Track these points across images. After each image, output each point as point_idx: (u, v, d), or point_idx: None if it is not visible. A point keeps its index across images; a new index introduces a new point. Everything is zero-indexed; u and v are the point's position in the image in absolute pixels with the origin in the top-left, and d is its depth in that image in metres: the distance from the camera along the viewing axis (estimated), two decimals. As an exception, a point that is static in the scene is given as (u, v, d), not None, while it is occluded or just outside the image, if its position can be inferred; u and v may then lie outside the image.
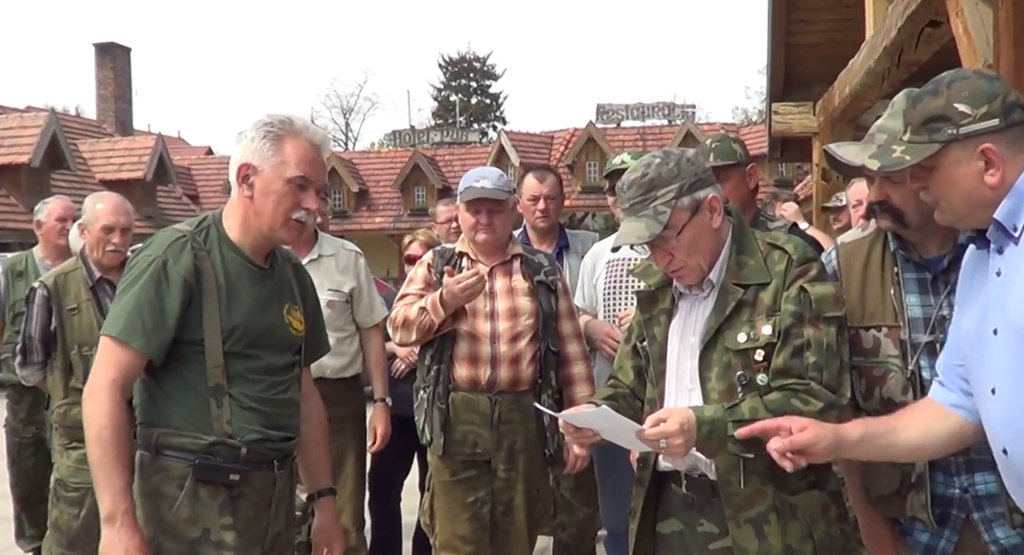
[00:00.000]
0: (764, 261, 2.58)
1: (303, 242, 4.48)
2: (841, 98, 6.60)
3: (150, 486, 2.63)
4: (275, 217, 2.69)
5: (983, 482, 2.50)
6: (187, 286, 2.61)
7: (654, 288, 2.76)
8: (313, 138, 2.75)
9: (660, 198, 2.54)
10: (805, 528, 2.52)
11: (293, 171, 2.67)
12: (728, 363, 2.53)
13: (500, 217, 3.95)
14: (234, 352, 2.66)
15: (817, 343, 2.47)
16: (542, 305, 3.95)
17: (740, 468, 2.51)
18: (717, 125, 34.09)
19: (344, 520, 4.47)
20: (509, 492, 3.91)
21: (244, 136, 2.73)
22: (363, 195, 33.77)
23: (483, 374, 3.85)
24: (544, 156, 32.66)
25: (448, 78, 55.66)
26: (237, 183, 2.71)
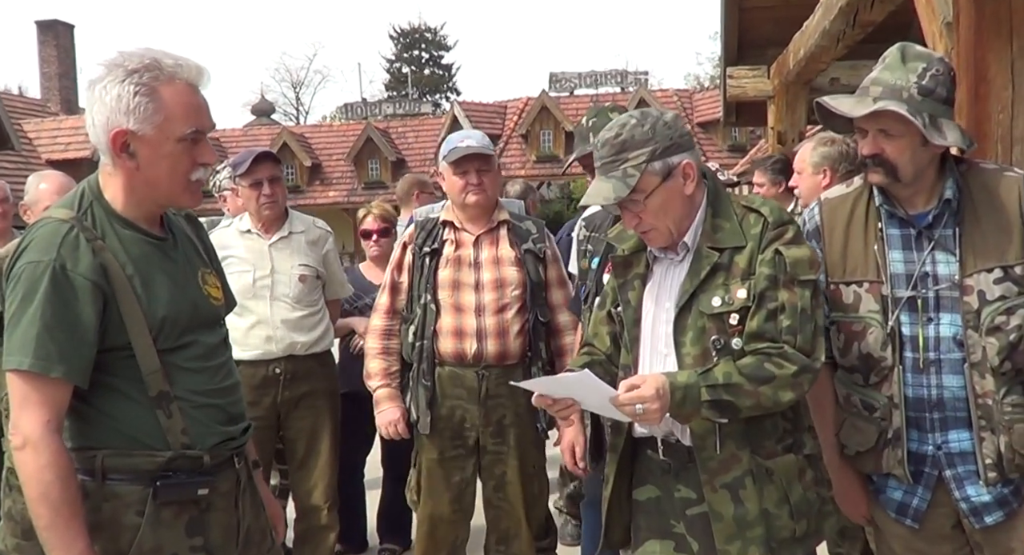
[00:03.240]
0: (740, 224, 2.56)
1: (275, 218, 4.43)
2: (796, 60, 6.60)
3: (102, 517, 2.23)
4: (172, 183, 2.30)
5: (956, 440, 2.52)
6: (97, 289, 2.19)
7: (628, 253, 2.72)
8: (189, 76, 2.29)
9: (631, 160, 2.51)
10: (781, 492, 2.51)
11: (183, 127, 2.26)
12: (702, 327, 2.51)
13: (489, 176, 3.85)
14: (168, 348, 2.29)
15: (791, 306, 2.45)
16: (530, 275, 3.86)
17: (716, 433, 2.50)
18: (670, 91, 34.13)
19: (316, 498, 4.46)
20: (501, 467, 3.86)
21: (105, 91, 2.22)
22: (316, 169, 33.48)
23: (469, 348, 3.76)
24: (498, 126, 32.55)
25: (400, 50, 55.28)
26: (113, 154, 2.26)
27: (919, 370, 2.55)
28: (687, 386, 2.39)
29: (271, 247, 4.40)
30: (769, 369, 2.41)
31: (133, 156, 2.25)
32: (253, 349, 4.33)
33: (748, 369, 2.41)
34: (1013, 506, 2.54)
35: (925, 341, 2.53)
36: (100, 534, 2.22)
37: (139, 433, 2.26)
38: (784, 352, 2.43)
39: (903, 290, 2.55)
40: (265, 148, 4.64)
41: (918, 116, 2.44)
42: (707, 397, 2.38)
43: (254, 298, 4.35)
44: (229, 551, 2.42)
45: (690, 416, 2.43)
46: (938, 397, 2.54)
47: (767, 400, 2.41)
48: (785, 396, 2.42)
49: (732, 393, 2.39)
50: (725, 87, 8.16)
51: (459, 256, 3.85)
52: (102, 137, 2.25)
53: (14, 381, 2.15)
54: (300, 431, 4.43)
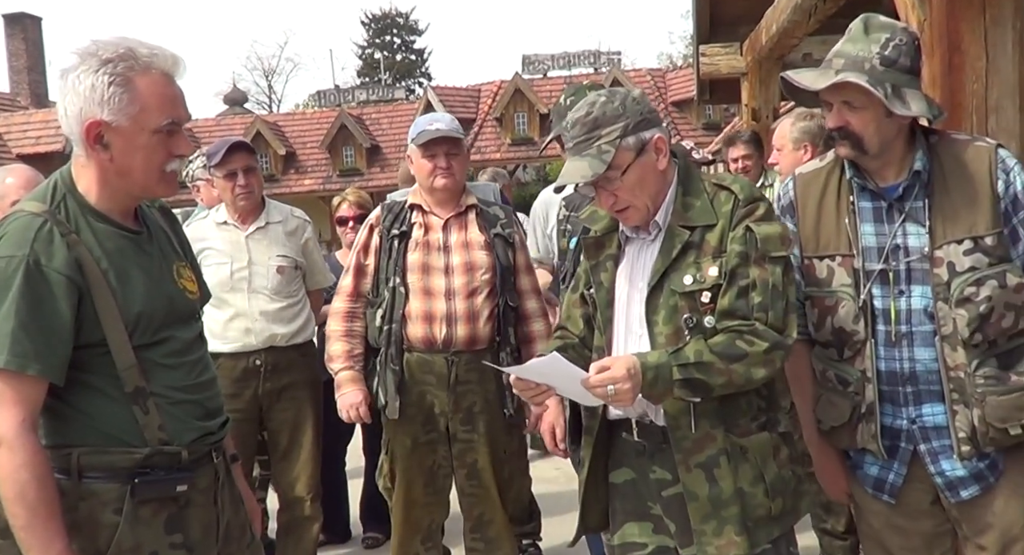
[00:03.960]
0: (711, 202, 2.54)
1: (250, 209, 4.39)
2: (768, 36, 6.59)
3: (79, 516, 2.20)
4: (147, 175, 2.25)
5: (931, 414, 2.53)
6: (72, 285, 2.15)
7: (600, 234, 2.71)
8: (165, 66, 2.24)
9: (604, 137, 2.49)
10: (756, 470, 2.51)
11: (158, 118, 2.21)
12: (675, 306, 2.50)
13: (458, 160, 3.82)
14: (144, 344, 2.26)
15: (763, 283, 2.44)
16: (499, 259, 3.83)
17: (690, 412, 2.49)
18: (643, 71, 34.09)
19: (299, 489, 4.45)
20: (472, 454, 3.85)
21: (78, 81, 2.18)
22: (290, 158, 33.29)
23: (438, 333, 3.74)
24: (472, 110, 32.45)
25: (371, 36, 55.00)
26: (87, 145, 2.21)
27: (891, 343, 2.55)
28: (658, 366, 2.38)
29: (248, 238, 4.37)
30: (741, 346, 2.40)
31: (107, 147, 2.21)
32: (232, 342, 4.30)
33: (719, 347, 2.40)
34: (989, 481, 2.54)
35: (897, 314, 2.53)
36: (77, 533, 2.18)
37: (115, 430, 2.22)
38: (755, 329, 2.42)
39: (875, 263, 2.55)
40: (239, 138, 4.59)
41: (879, 87, 2.44)
42: (679, 376, 2.38)
43: (232, 291, 4.32)
44: (209, 547, 2.39)
45: (662, 396, 2.42)
46: (911, 370, 2.54)
47: (739, 378, 2.41)
48: (758, 373, 2.42)
49: (704, 371, 2.38)
50: (698, 65, 8.14)
51: (428, 240, 3.83)
52: (75, 128, 2.20)
53: None
54: (283, 423, 4.41)
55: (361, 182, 28.74)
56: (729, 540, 2.47)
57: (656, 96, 30.46)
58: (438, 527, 4.09)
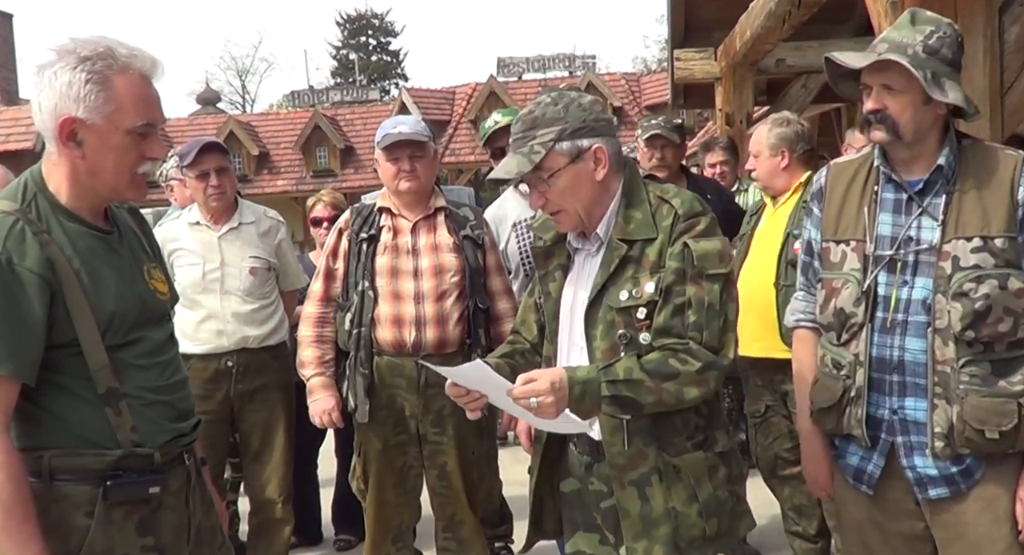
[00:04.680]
0: (652, 215, 2.50)
1: (223, 210, 4.37)
2: (742, 42, 6.63)
3: (50, 519, 2.16)
4: (118, 176, 2.23)
5: (913, 408, 2.53)
6: (44, 284, 2.11)
7: (549, 243, 2.67)
8: (143, 68, 2.22)
9: (539, 138, 2.46)
10: (690, 490, 2.47)
11: (133, 119, 2.19)
12: (611, 321, 2.47)
13: (422, 163, 3.80)
14: (116, 344, 2.23)
15: (698, 301, 2.40)
16: (468, 261, 3.82)
17: (623, 429, 2.46)
18: (618, 75, 34.17)
19: (270, 491, 4.42)
20: (442, 457, 3.84)
21: (55, 77, 2.15)
22: (264, 158, 33.14)
23: (408, 336, 3.73)
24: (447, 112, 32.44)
25: (346, 36, 54.87)
26: (59, 142, 2.18)
27: (885, 330, 2.56)
28: (586, 381, 2.34)
29: (220, 239, 4.34)
30: (673, 365, 2.36)
31: (80, 145, 2.19)
32: (204, 343, 4.28)
33: (651, 365, 2.37)
34: (960, 486, 2.54)
35: (897, 302, 2.55)
36: (49, 537, 2.15)
37: (88, 432, 2.19)
38: (690, 348, 2.38)
39: (886, 250, 2.57)
40: (212, 138, 4.56)
41: (919, 70, 2.45)
42: (607, 393, 2.34)
43: (204, 292, 4.29)
44: (180, 550, 2.37)
45: (590, 411, 2.38)
46: (899, 359, 2.55)
47: (670, 397, 2.37)
48: (690, 393, 2.38)
49: (632, 389, 2.35)
50: (672, 70, 8.19)
51: (397, 243, 3.82)
52: (49, 123, 2.18)
53: None
54: (254, 424, 4.39)
55: (335, 183, 28.65)
56: None
57: (630, 100, 30.58)
58: (409, 528, 4.09)
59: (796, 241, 4.08)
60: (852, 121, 10.04)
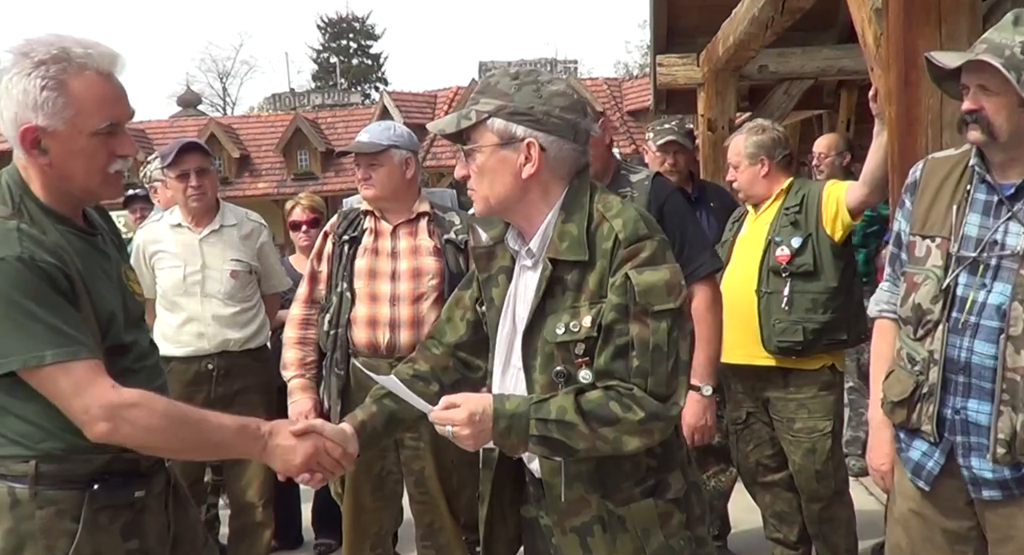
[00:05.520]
0: (592, 234, 2.20)
1: (204, 212, 4.34)
2: (725, 48, 6.64)
3: (34, 525, 2.14)
4: (89, 178, 2.18)
5: (975, 410, 2.51)
6: (64, 277, 2.09)
7: (493, 242, 2.42)
8: (101, 65, 2.14)
9: (479, 104, 2.23)
10: (636, 541, 2.23)
11: (96, 121, 2.13)
12: (550, 354, 2.21)
13: (381, 171, 3.78)
14: (113, 346, 2.20)
15: (642, 343, 2.11)
16: (449, 265, 3.81)
17: (562, 472, 2.23)
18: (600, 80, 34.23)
19: (251, 495, 4.40)
20: (419, 462, 3.82)
21: (12, 85, 2.08)
22: (244, 161, 33.00)
23: (381, 338, 3.73)
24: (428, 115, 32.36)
25: (327, 39, 54.84)
26: (24, 150, 2.14)
27: (957, 331, 2.54)
28: (513, 416, 2.12)
29: (202, 241, 4.32)
30: (614, 410, 2.10)
31: (45, 152, 2.14)
32: (184, 346, 4.26)
33: (590, 406, 2.11)
34: (1014, 492, 2.52)
35: (972, 304, 2.52)
36: (35, 543, 2.15)
37: (75, 435, 2.13)
38: (633, 395, 2.11)
39: (970, 252, 2.55)
40: (193, 138, 4.54)
41: (1012, 72, 2.44)
42: (535, 432, 2.11)
43: (185, 294, 4.28)
44: (163, 552, 2.36)
45: (516, 448, 2.17)
46: (966, 361, 2.52)
47: (606, 445, 2.12)
48: (630, 443, 2.12)
49: (564, 432, 2.10)
50: (655, 75, 8.18)
51: (377, 246, 3.83)
52: (11, 132, 2.13)
53: (51, 379, 2.05)
54: (234, 428, 4.36)
55: (316, 186, 28.57)
56: None
57: (612, 105, 30.61)
58: (388, 533, 4.07)
59: (778, 248, 4.10)
60: (833, 127, 10.08)
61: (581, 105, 2.29)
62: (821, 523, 4.26)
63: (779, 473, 4.35)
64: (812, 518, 4.28)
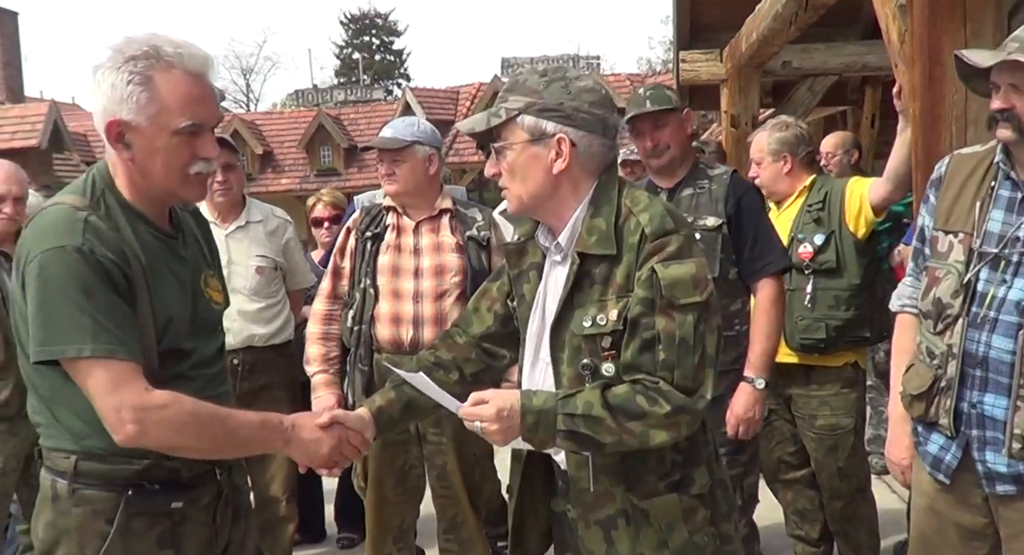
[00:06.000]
0: (619, 228, 2.22)
1: (230, 207, 4.37)
2: (748, 44, 6.62)
3: (70, 521, 2.15)
4: (168, 177, 2.18)
5: (991, 405, 2.50)
6: (124, 276, 2.08)
7: (523, 239, 2.46)
8: (190, 65, 2.15)
9: (509, 102, 2.26)
10: (660, 536, 2.25)
11: (179, 120, 2.13)
12: (578, 347, 2.23)
13: (402, 167, 3.80)
14: (169, 350, 2.18)
15: (668, 337, 2.13)
16: (471, 262, 3.83)
17: (589, 465, 2.26)
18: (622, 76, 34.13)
19: (274, 489, 4.43)
20: (442, 457, 3.85)
21: (103, 79, 2.12)
22: (268, 157, 33.12)
23: (405, 335, 3.75)
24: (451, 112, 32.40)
25: (350, 36, 54.89)
26: (110, 143, 2.17)
27: (976, 325, 2.54)
28: (541, 411, 2.14)
29: (228, 237, 4.34)
30: (641, 404, 2.11)
31: (128, 147, 2.15)
32: (210, 340, 4.29)
33: (617, 400, 2.12)
34: None
35: (992, 300, 2.52)
36: (67, 539, 2.15)
37: None
38: (660, 388, 2.12)
39: (992, 247, 2.54)
40: (219, 134, 4.57)
41: None
42: (562, 427, 2.13)
43: (211, 290, 4.30)
44: None
45: (544, 443, 2.18)
46: (984, 355, 2.52)
47: (633, 439, 2.13)
48: (657, 437, 2.13)
49: (591, 426, 2.12)
50: (678, 71, 8.17)
51: (400, 242, 3.85)
52: (100, 125, 2.16)
53: (86, 372, 2.03)
54: (258, 423, 4.39)
55: (339, 182, 28.62)
56: None
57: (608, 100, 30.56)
58: (410, 527, 4.09)
59: (801, 245, 4.09)
60: (858, 124, 10.03)
61: (609, 100, 2.32)
62: (843, 520, 4.26)
63: (801, 470, 4.35)
64: (834, 516, 4.28)
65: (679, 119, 3.81)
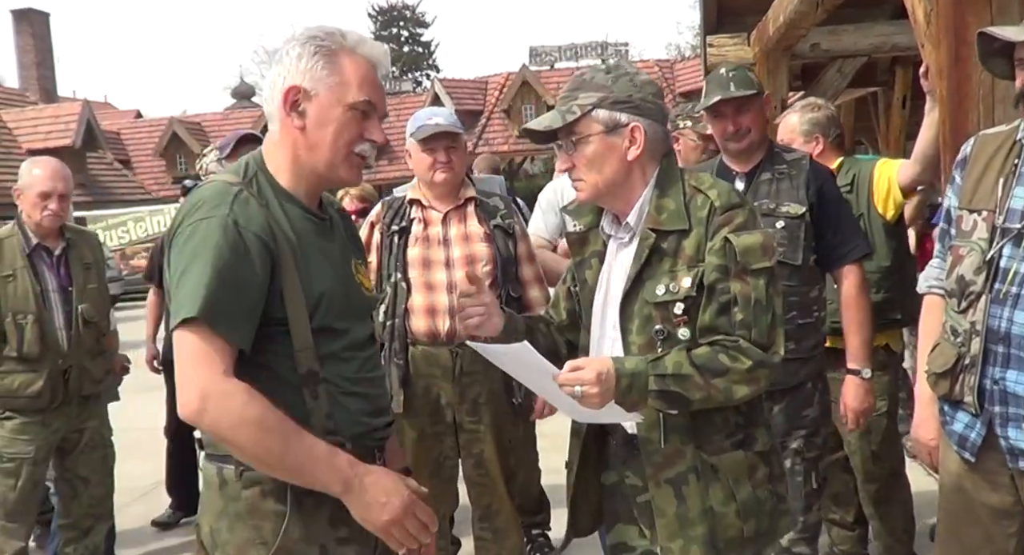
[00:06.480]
0: (686, 206, 2.42)
1: None
2: (775, 27, 6.58)
3: (242, 505, 2.12)
4: (335, 150, 2.19)
5: (1015, 381, 2.50)
6: (268, 251, 2.07)
7: (585, 229, 2.63)
8: (372, 54, 2.23)
9: (579, 99, 2.43)
10: (727, 490, 2.41)
11: (356, 94, 2.17)
12: (648, 316, 2.41)
13: (457, 154, 3.84)
14: (322, 328, 2.15)
15: (744, 298, 2.34)
16: (500, 250, 3.86)
17: (660, 425, 2.41)
18: (651, 62, 34.05)
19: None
20: (479, 445, 3.87)
21: (286, 54, 2.19)
22: (299, 151, 33.33)
23: (441, 326, 3.77)
24: (479, 102, 32.47)
25: (378, 28, 55.04)
26: (283, 111, 2.18)
27: (999, 301, 2.53)
28: (634, 374, 2.28)
29: (258, 232, 4.38)
30: (723, 361, 2.30)
31: (302, 115, 2.18)
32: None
33: (701, 360, 2.30)
34: None
35: (1014, 276, 2.50)
36: (240, 525, 2.13)
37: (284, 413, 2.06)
38: (739, 346, 2.32)
39: (1015, 223, 2.53)
40: (249, 130, 4.61)
41: None
42: (654, 387, 2.28)
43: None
44: (369, 540, 2.23)
45: (636, 405, 2.32)
46: (1006, 331, 2.51)
47: (719, 394, 2.31)
48: (740, 391, 2.32)
49: (681, 384, 2.29)
50: (705, 56, 8.12)
51: (428, 234, 3.86)
52: (275, 98, 2.19)
53: (182, 338, 2.00)
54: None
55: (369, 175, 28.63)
56: None
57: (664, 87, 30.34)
58: (446, 517, 4.12)
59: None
60: (889, 105, 9.95)
61: (662, 92, 2.53)
62: (877, 504, 4.25)
63: (835, 454, 4.34)
64: (868, 499, 4.27)
65: (761, 103, 3.77)
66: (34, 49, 33.91)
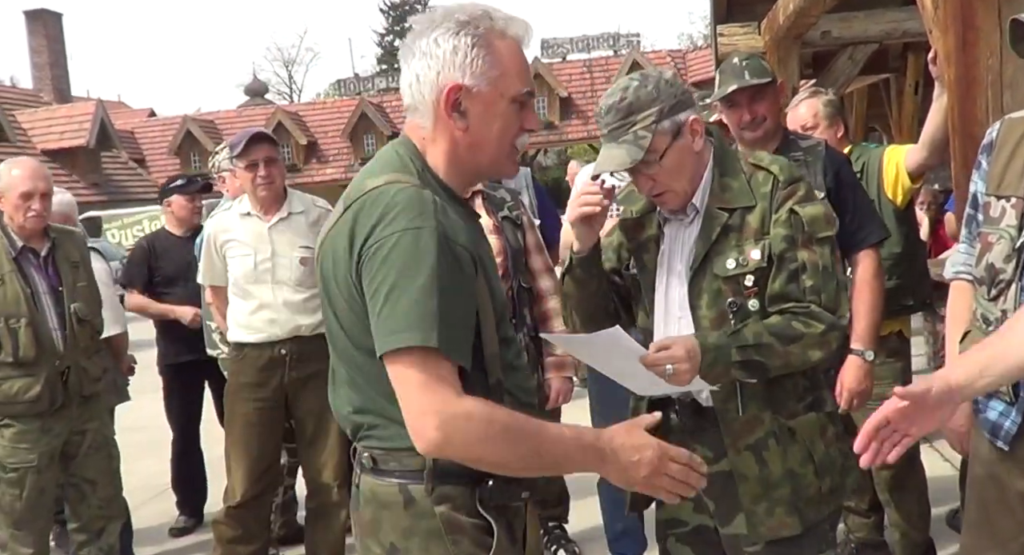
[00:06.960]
0: (748, 183, 2.54)
1: (272, 200, 4.42)
2: (785, 15, 6.57)
3: (434, 523, 1.97)
4: (500, 147, 2.02)
5: None
6: (473, 264, 1.92)
7: (639, 214, 2.70)
8: (520, 34, 2.04)
9: (640, 122, 2.46)
10: (805, 451, 2.53)
11: (517, 86, 1.99)
12: (718, 290, 2.50)
13: None
14: (501, 336, 2.02)
15: (812, 266, 2.46)
16: (509, 242, 3.87)
17: (737, 395, 2.52)
18: (663, 52, 34.00)
19: (326, 476, 4.47)
20: None
21: (435, 45, 1.96)
22: (312, 147, 33.44)
23: None
24: (492, 95, 32.40)
25: (391, 23, 55.13)
26: (443, 112, 1.97)
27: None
28: (718, 347, 2.38)
29: (271, 230, 4.40)
30: (797, 327, 2.42)
31: (463, 115, 1.97)
32: (258, 332, 4.35)
33: (777, 328, 2.42)
34: None
35: None
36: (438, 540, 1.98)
37: None
38: (811, 311, 2.44)
39: None
40: (260, 128, 4.63)
41: None
42: (737, 358, 2.38)
43: (256, 282, 4.36)
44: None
45: (720, 377, 2.41)
46: None
47: (796, 359, 2.43)
48: (814, 355, 2.44)
49: (763, 353, 2.39)
50: (716, 45, 8.10)
51: None
52: (429, 95, 1.97)
53: (406, 363, 1.83)
54: (308, 411, 4.45)
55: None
56: (780, 521, 2.52)
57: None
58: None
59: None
60: (901, 92, 9.91)
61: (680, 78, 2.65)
62: (892, 490, 4.24)
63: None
64: (883, 486, 4.26)
65: (775, 91, 3.76)
66: (47, 49, 34.06)
